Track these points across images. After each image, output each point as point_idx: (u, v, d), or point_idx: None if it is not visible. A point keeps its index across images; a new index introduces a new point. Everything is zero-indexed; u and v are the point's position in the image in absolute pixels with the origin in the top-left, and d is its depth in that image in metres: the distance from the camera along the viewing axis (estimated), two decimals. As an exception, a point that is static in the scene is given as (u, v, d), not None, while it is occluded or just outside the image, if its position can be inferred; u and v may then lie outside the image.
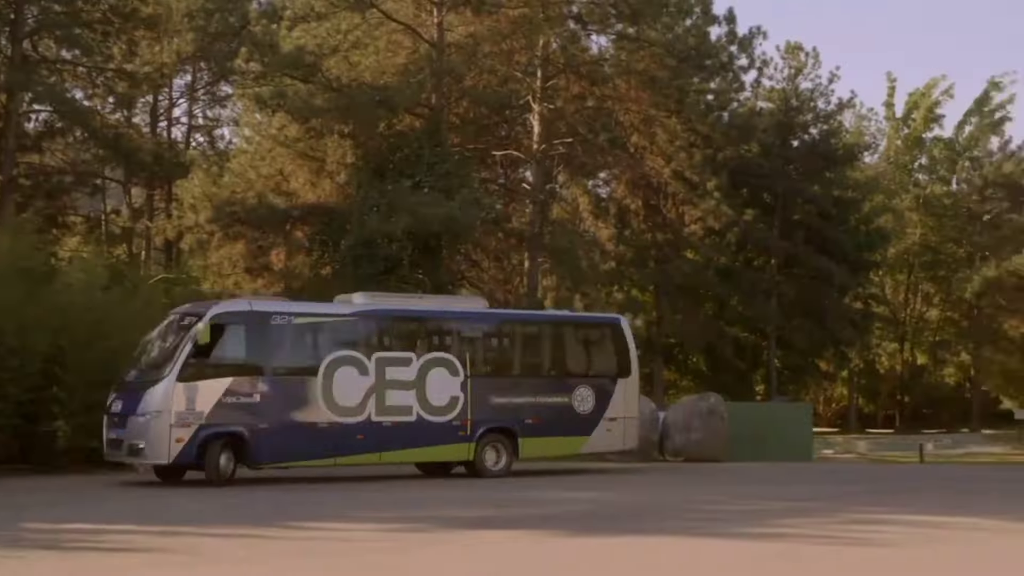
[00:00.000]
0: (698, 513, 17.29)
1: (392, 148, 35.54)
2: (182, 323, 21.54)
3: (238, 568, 11.71)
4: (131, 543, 13.29)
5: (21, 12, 38.39)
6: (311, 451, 21.99)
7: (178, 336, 21.30)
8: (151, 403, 20.59)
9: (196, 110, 53.36)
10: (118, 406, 21.15)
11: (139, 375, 21.43)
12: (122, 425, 20.88)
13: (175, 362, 20.70)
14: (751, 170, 48.37)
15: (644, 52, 38.24)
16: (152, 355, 21.82)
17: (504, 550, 13.15)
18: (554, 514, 16.86)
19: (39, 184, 44.20)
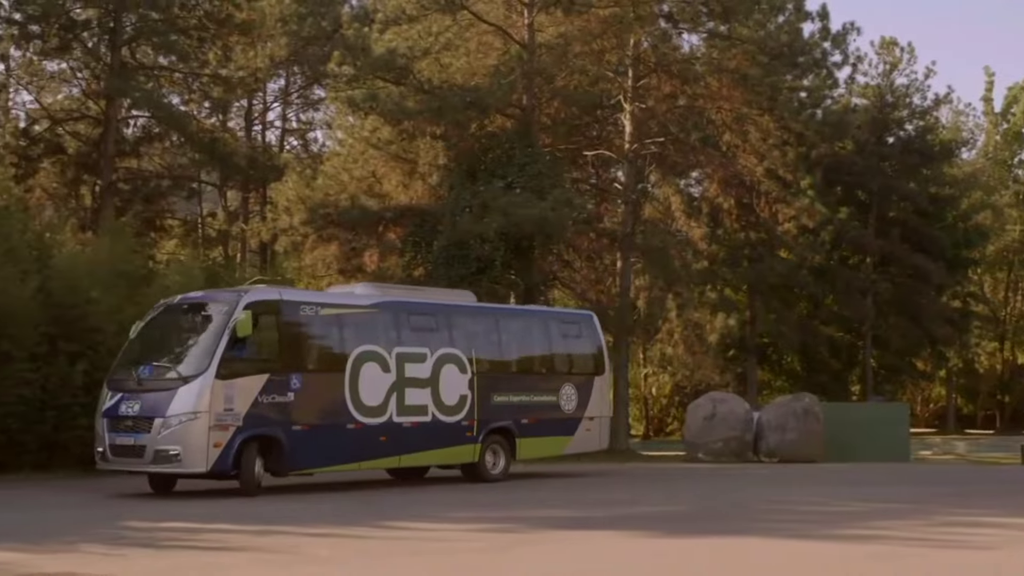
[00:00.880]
0: (788, 514, 17.10)
1: (484, 149, 35.62)
2: (203, 312, 19.66)
3: (336, 567, 11.79)
4: (227, 542, 13.45)
5: (120, 20, 39.10)
6: (340, 455, 20.40)
7: (197, 326, 19.59)
8: (187, 403, 18.34)
9: (290, 114, 53.96)
10: (132, 407, 18.80)
11: (154, 372, 19.14)
12: (142, 428, 18.51)
13: (213, 356, 18.55)
14: (845, 167, 47.87)
15: (736, 50, 37.89)
16: (171, 349, 19.75)
17: (604, 549, 13.09)
18: (638, 514, 16.78)
19: (137, 188, 44.99)
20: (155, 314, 20.38)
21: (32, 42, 39.90)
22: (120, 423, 18.91)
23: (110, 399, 19.22)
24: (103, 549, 12.69)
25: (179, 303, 20.53)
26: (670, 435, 55.63)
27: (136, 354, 19.83)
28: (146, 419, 18.60)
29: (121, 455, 18.89)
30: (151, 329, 20.15)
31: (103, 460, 19.30)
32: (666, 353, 49.66)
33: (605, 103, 40.20)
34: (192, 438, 18.34)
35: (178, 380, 18.70)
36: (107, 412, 19.17)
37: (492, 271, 33.70)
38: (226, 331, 18.73)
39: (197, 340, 19.38)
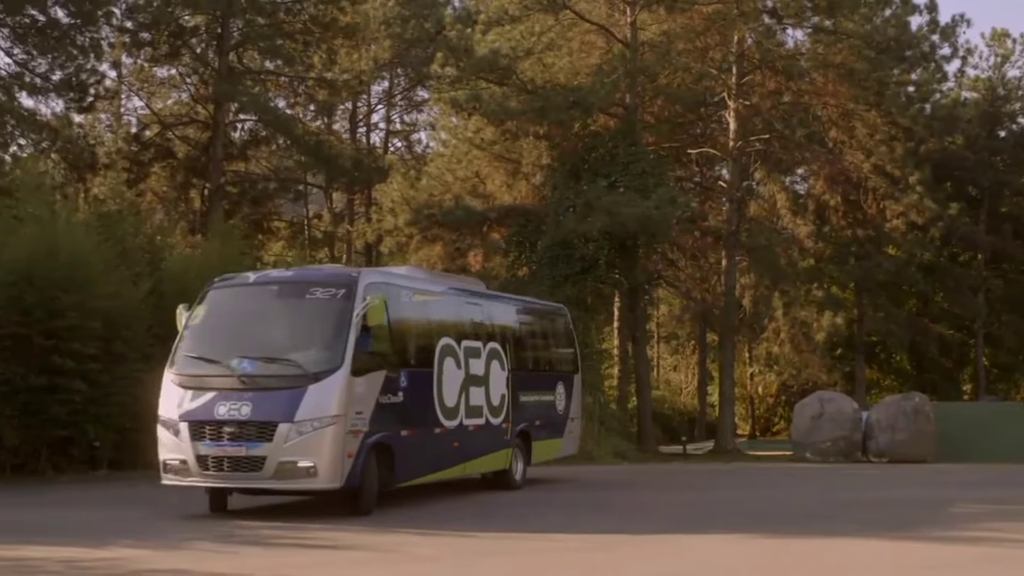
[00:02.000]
0: (893, 514, 16.84)
1: (587, 148, 35.60)
2: (311, 294, 16.23)
3: (440, 566, 11.85)
4: (333, 540, 13.59)
5: (227, 26, 39.71)
6: (431, 464, 17.78)
7: (304, 312, 16.35)
8: (322, 405, 15.22)
9: (394, 115, 54.46)
10: (237, 409, 15.27)
11: (259, 367, 15.69)
12: (257, 436, 15.19)
13: (346, 348, 15.49)
14: (955, 163, 47.01)
15: (842, 45, 37.42)
16: (270, 339, 16.36)
17: (711, 550, 13.01)
18: (734, 512, 16.64)
19: (245, 191, 45.65)
20: (222, 296, 16.90)
21: (143, 49, 40.73)
22: (218, 429, 15.33)
23: (193, 399, 15.61)
24: (214, 547, 12.91)
25: (263, 282, 17.16)
26: (776, 435, 55.09)
27: (208, 345, 16.35)
28: (264, 424, 15.15)
29: (220, 468, 15.34)
30: (221, 315, 16.72)
31: (179, 474, 15.67)
32: (772, 352, 49.17)
33: (709, 101, 39.95)
34: (328, 447, 15.18)
35: (305, 377, 15.40)
36: (191, 415, 15.54)
37: (596, 271, 33.70)
38: (354, 318, 15.66)
39: (312, 329, 16.19)
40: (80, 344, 22.00)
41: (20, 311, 21.76)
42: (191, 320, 16.61)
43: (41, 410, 21.76)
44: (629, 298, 37.40)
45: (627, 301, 37.73)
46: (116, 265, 23.76)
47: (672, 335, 64.77)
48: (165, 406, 15.96)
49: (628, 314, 38.10)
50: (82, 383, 21.97)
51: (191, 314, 16.71)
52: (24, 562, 11.75)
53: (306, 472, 15.18)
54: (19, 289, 21.75)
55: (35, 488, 20.17)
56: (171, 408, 15.85)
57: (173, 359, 16.28)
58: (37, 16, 35.33)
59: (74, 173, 39.64)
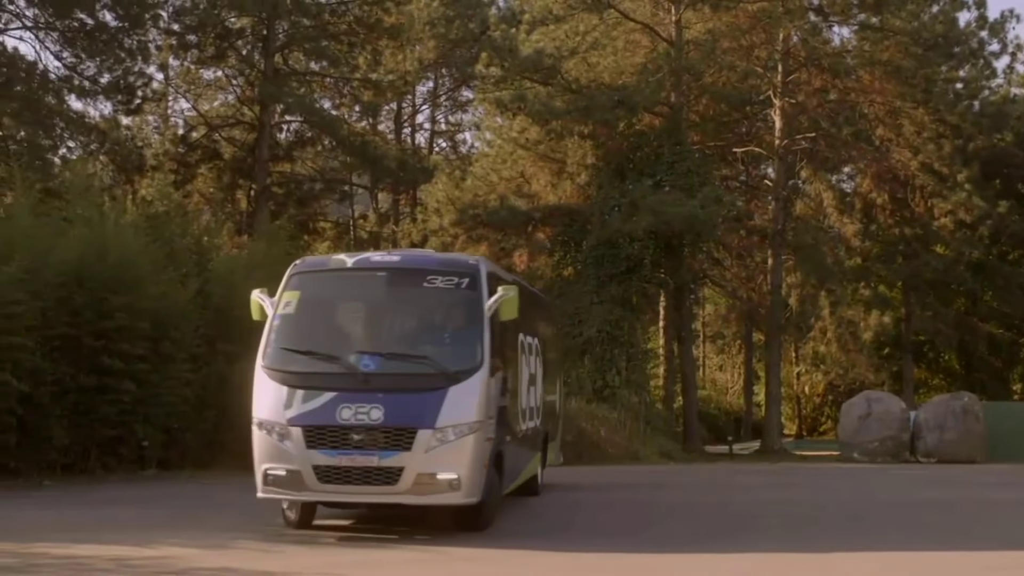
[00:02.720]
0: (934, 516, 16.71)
1: (632, 148, 35.54)
2: (428, 282, 14.32)
3: (489, 566, 11.86)
4: (381, 540, 13.62)
5: (272, 28, 39.97)
6: (513, 473, 16.08)
7: (421, 301, 14.57)
8: (465, 409, 13.44)
9: (438, 116, 54.60)
10: (365, 412, 13.28)
11: (382, 364, 13.67)
12: (392, 444, 13.20)
13: (482, 344, 13.72)
14: (1005, 160, 46.51)
15: (888, 42, 37.19)
16: (389, 332, 14.67)
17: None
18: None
19: (291, 191, 45.90)
20: (316, 282, 14.90)
21: (190, 51, 41.07)
22: (343, 436, 13.28)
23: (307, 400, 13.49)
24: (262, 546, 12.97)
25: (367, 267, 14.97)
26: (823, 434, 54.83)
27: (313, 337, 14.31)
28: (401, 431, 13.26)
29: (346, 481, 13.31)
30: (321, 304, 14.84)
31: (286, 487, 13.55)
32: (819, 351, 48.95)
33: (754, 99, 39.82)
34: (471, 457, 13.43)
35: (444, 377, 13.56)
36: (306, 419, 13.40)
37: (642, 270, 33.64)
38: (487, 311, 13.95)
39: (442, 322, 14.67)
40: (129, 345, 22.15)
41: (70, 312, 21.93)
42: (283, 308, 14.27)
43: (91, 410, 21.92)
44: (675, 297, 37.32)
45: (673, 300, 37.65)
46: (164, 266, 23.90)
47: (718, 334, 64.59)
48: (265, 407, 13.69)
49: (674, 313, 38.03)
50: (131, 383, 22.12)
51: (279, 301, 14.38)
52: (74, 560, 11.85)
53: (448, 485, 13.30)
54: (69, 290, 21.92)
55: (84, 487, 20.32)
56: (274, 409, 13.56)
57: (266, 352, 13.98)
58: (85, 19, 35.67)
59: (122, 175, 39.97)
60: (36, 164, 31.90)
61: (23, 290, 20.75)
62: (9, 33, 36.11)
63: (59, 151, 36.53)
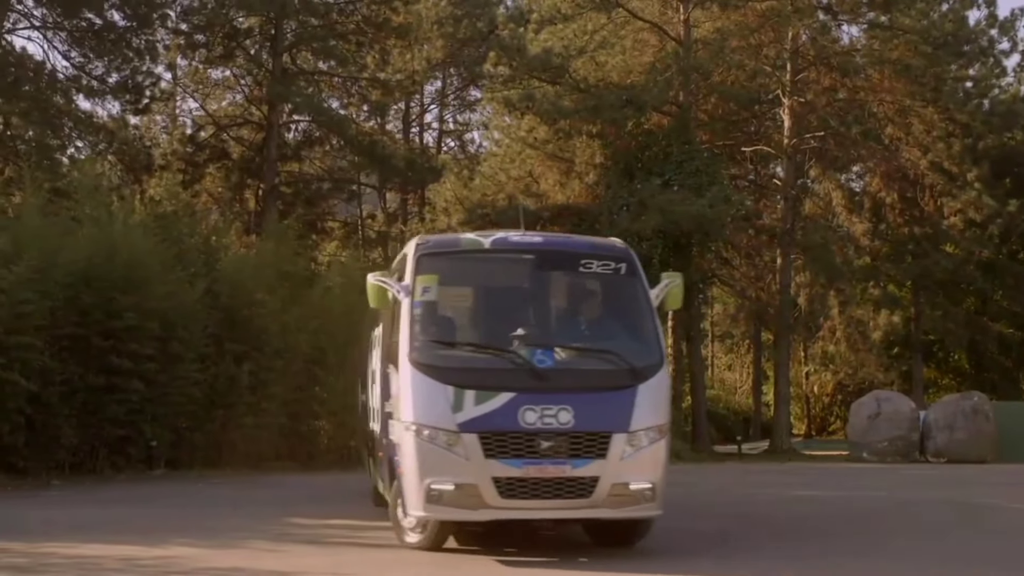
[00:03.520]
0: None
1: (640, 147, 35.49)
2: (583, 267, 12.89)
3: (493, 567, 11.80)
4: (390, 539, 13.57)
5: (280, 27, 39.94)
6: None
7: (576, 288, 13.18)
8: (656, 410, 11.99)
9: (447, 115, 54.56)
10: (551, 415, 11.44)
11: (558, 360, 11.84)
12: (582, 452, 11.49)
13: (659, 338, 12.57)
14: (1015, 158, 46.40)
15: (898, 40, 37.12)
16: (551, 322, 12.77)
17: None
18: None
19: (299, 191, 45.85)
20: (453, 265, 12.80)
21: (198, 51, 41.07)
22: (528, 443, 11.45)
23: (479, 402, 11.52)
24: (270, 546, 12.93)
25: (508, 248, 13.03)
26: (832, 434, 54.71)
27: (467, 328, 12.87)
28: (594, 436, 11.56)
29: (533, 495, 11.49)
30: (466, 290, 13.12)
31: (458, 504, 11.49)
32: (828, 351, 48.89)
33: (763, 98, 39.76)
34: (663, 464, 11.99)
35: (631, 374, 11.96)
36: (483, 424, 11.47)
37: (650, 269, 33.42)
38: (655, 301, 12.78)
39: (612, 312, 13.06)
40: (137, 344, 22.19)
41: (78, 312, 21.96)
42: (423, 295, 12.17)
43: (99, 409, 21.95)
44: (684, 297, 37.26)
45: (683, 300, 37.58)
46: (172, 266, 23.92)
47: (727, 334, 64.51)
48: (422, 409, 11.59)
49: (682, 313, 37.89)
50: (139, 383, 22.16)
51: (415, 287, 12.18)
52: (83, 560, 11.83)
53: (642, 496, 11.71)
54: (77, 290, 21.95)
55: (93, 486, 20.32)
56: (438, 412, 11.51)
57: (413, 345, 11.86)
58: (94, 19, 35.70)
59: (130, 175, 39.99)
60: (44, 164, 31.93)
61: (32, 290, 20.79)
62: (17, 33, 36.23)
63: (67, 151, 36.59)
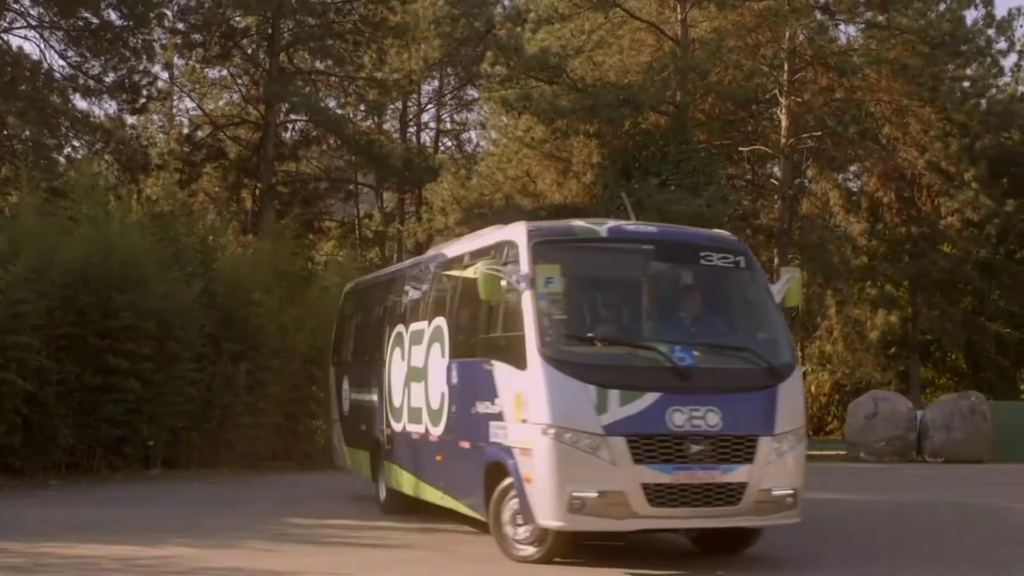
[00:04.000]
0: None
1: (638, 147, 35.47)
2: (704, 260, 12.09)
3: (496, 566, 11.79)
4: (387, 539, 13.58)
5: (277, 27, 39.92)
6: None
7: (699, 283, 12.28)
8: (795, 412, 11.57)
9: (444, 115, 54.50)
10: (700, 417, 10.91)
11: (700, 359, 11.26)
12: (730, 457, 10.99)
13: (788, 337, 12.01)
14: (1012, 158, 46.40)
15: (895, 40, 37.10)
16: (678, 318, 12.02)
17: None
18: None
19: (296, 191, 45.80)
20: (572, 256, 11.79)
21: (194, 50, 41.06)
22: (675, 447, 10.82)
23: (624, 402, 10.79)
24: (267, 545, 12.93)
25: (627, 238, 12.28)
26: (829, 434, 54.65)
27: (600, 322, 12.03)
28: (741, 439, 11.06)
29: (683, 503, 10.85)
30: (587, 282, 12.23)
31: (602, 513, 10.71)
32: (825, 351, 48.80)
33: (760, 98, 39.75)
34: (803, 468, 11.62)
35: (771, 373, 11.47)
36: (630, 426, 10.76)
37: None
38: (777, 297, 12.12)
39: (740, 307, 12.52)
40: (134, 344, 22.18)
41: (75, 311, 21.95)
42: (546, 286, 11.25)
43: (95, 409, 21.94)
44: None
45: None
46: (169, 265, 23.91)
47: (724, 334, 64.45)
48: (561, 409, 10.76)
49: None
50: (136, 383, 22.15)
51: (536, 277, 11.27)
52: (80, 560, 11.82)
53: (784, 503, 11.27)
54: (74, 289, 21.94)
55: (90, 486, 20.31)
56: (579, 413, 10.73)
57: (544, 339, 11.00)
58: (90, 18, 35.63)
59: (127, 174, 39.95)
60: (41, 163, 31.85)
61: (28, 289, 20.78)
62: (14, 32, 36.17)
63: (64, 150, 36.52)
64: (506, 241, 12.18)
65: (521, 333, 11.15)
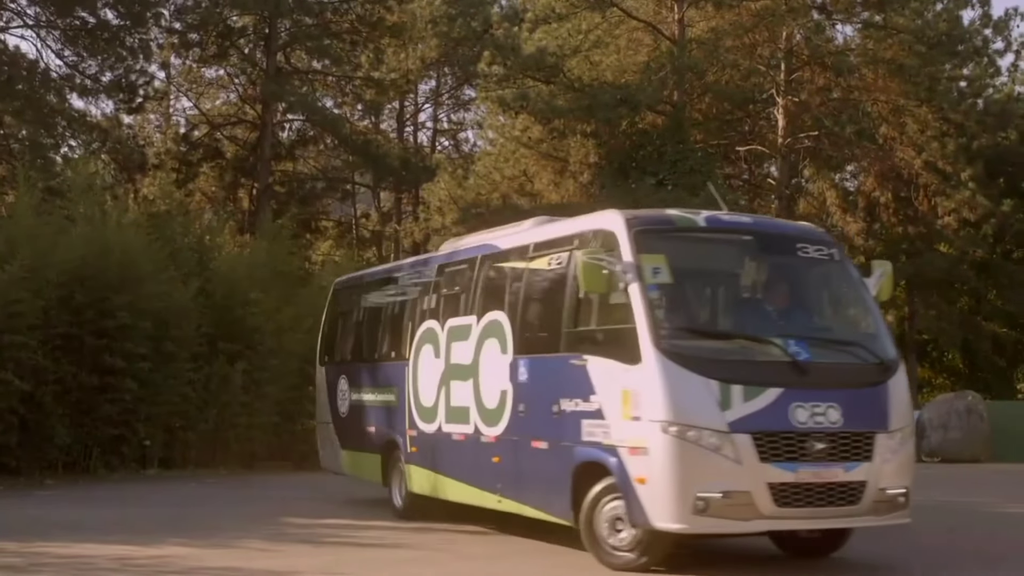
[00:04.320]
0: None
1: (635, 146, 35.46)
2: (800, 251, 11.77)
3: (490, 563, 11.79)
4: (384, 539, 13.57)
5: (274, 26, 39.97)
6: None
7: (799, 277, 11.93)
8: (906, 408, 11.30)
9: (441, 114, 54.49)
10: (822, 414, 10.53)
11: (815, 353, 10.85)
12: (850, 455, 10.61)
13: (889, 332, 11.86)
14: (1009, 158, 46.43)
15: (892, 40, 37.10)
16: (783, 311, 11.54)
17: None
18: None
19: (293, 190, 45.86)
20: (675, 246, 11.25)
21: (191, 50, 41.08)
22: (799, 444, 10.43)
23: (748, 398, 10.38)
24: (264, 545, 12.91)
25: (728, 227, 12.03)
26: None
27: (714, 314, 12.09)
28: (859, 436, 10.69)
29: (807, 503, 10.47)
30: (691, 272, 11.64)
31: (727, 515, 10.26)
32: (822, 350, 48.74)
33: (757, 97, 39.75)
34: (913, 467, 11.30)
35: (882, 369, 11.24)
36: (755, 423, 10.35)
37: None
38: (873, 291, 11.79)
39: (843, 300, 12.20)
40: (131, 344, 22.16)
41: (72, 311, 21.94)
42: (654, 277, 10.75)
43: (92, 409, 21.93)
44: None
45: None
46: (166, 265, 23.90)
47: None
48: (680, 404, 10.30)
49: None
50: (133, 382, 22.12)
51: (642, 267, 10.77)
52: (77, 559, 11.80)
53: (898, 502, 10.90)
54: (71, 289, 21.93)
55: (86, 486, 20.29)
56: (701, 409, 10.30)
57: (658, 332, 10.48)
58: (87, 18, 35.66)
59: (124, 174, 39.99)
60: (38, 163, 31.89)
61: (25, 289, 20.78)
62: (11, 32, 36.22)
63: (61, 150, 36.56)
64: (599, 230, 11.63)
65: (629, 326, 10.61)
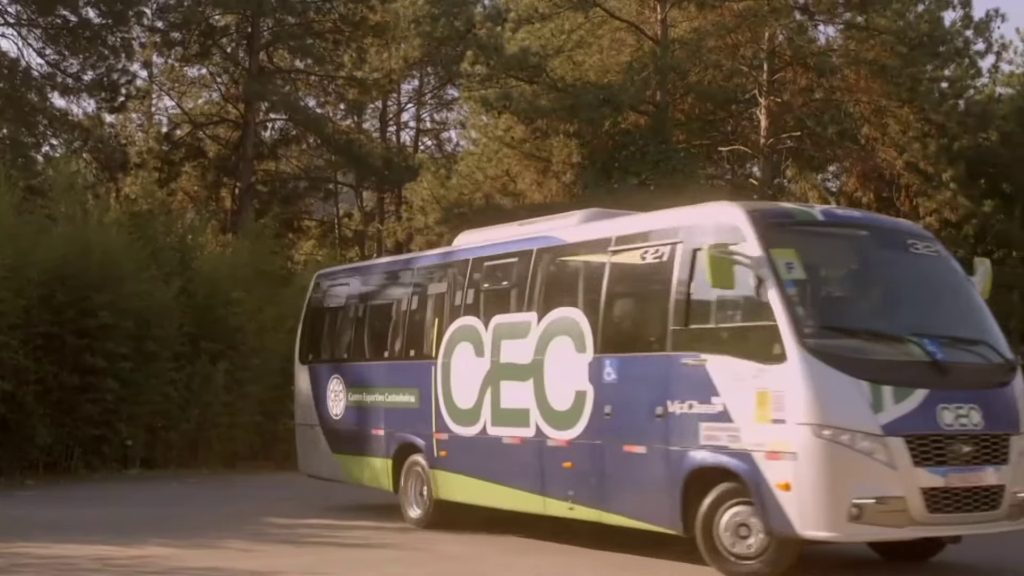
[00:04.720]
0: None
1: (617, 146, 35.45)
2: (921, 247, 11.67)
3: (473, 564, 11.80)
4: (367, 539, 13.58)
5: (257, 25, 39.87)
6: None
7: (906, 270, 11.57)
8: None
9: (424, 114, 54.39)
10: (967, 416, 10.29)
11: (949, 352, 10.64)
12: (990, 458, 10.36)
13: (999, 328, 11.52)
14: (990, 159, 46.53)
15: (874, 41, 37.16)
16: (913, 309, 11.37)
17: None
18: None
19: (276, 190, 45.77)
20: (799, 240, 10.85)
21: (174, 49, 40.92)
22: (947, 447, 10.13)
23: (898, 400, 10.06)
24: (246, 545, 12.92)
25: (845, 221, 12.06)
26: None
27: (852, 312, 11.38)
28: (997, 438, 10.42)
29: (956, 507, 10.15)
30: (820, 268, 11.29)
31: (880, 521, 9.92)
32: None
33: (740, 98, 39.76)
34: None
35: (1009, 368, 10.99)
36: (907, 426, 10.04)
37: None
38: (976, 290, 11.76)
39: (950, 297, 11.72)
40: (112, 343, 22.13)
41: (52, 310, 21.89)
42: (789, 273, 10.35)
43: (73, 409, 21.87)
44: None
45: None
46: (147, 264, 23.87)
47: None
48: (837, 408, 9.91)
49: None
50: (114, 382, 22.09)
51: (777, 262, 10.35)
52: (58, 560, 11.79)
53: (1021, 507, 10.54)
54: (52, 288, 21.89)
55: (67, 486, 20.26)
56: (853, 411, 9.93)
57: (802, 331, 10.07)
58: (69, 16, 35.56)
59: (106, 173, 39.86)
60: (19, 162, 31.77)
61: (6, 288, 20.74)
62: (-8, 30, 36.02)
63: (42, 149, 36.45)
64: (719, 223, 11.07)
65: (767, 323, 10.19)
